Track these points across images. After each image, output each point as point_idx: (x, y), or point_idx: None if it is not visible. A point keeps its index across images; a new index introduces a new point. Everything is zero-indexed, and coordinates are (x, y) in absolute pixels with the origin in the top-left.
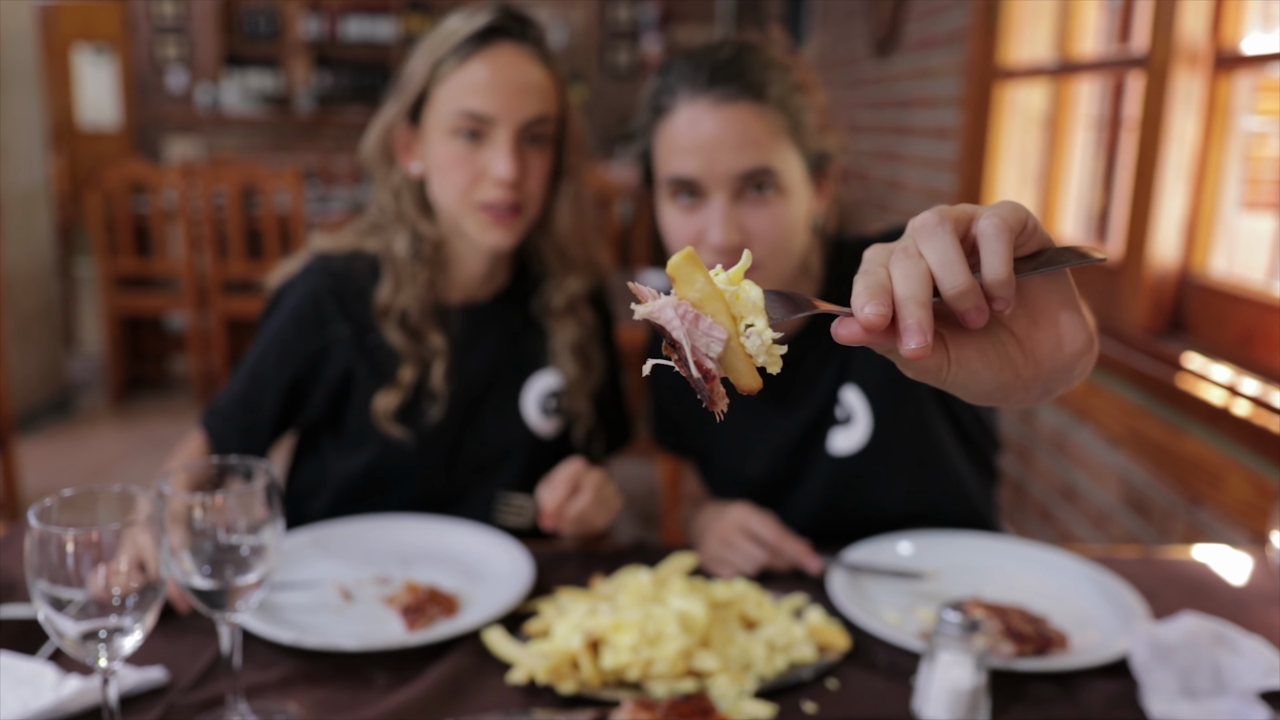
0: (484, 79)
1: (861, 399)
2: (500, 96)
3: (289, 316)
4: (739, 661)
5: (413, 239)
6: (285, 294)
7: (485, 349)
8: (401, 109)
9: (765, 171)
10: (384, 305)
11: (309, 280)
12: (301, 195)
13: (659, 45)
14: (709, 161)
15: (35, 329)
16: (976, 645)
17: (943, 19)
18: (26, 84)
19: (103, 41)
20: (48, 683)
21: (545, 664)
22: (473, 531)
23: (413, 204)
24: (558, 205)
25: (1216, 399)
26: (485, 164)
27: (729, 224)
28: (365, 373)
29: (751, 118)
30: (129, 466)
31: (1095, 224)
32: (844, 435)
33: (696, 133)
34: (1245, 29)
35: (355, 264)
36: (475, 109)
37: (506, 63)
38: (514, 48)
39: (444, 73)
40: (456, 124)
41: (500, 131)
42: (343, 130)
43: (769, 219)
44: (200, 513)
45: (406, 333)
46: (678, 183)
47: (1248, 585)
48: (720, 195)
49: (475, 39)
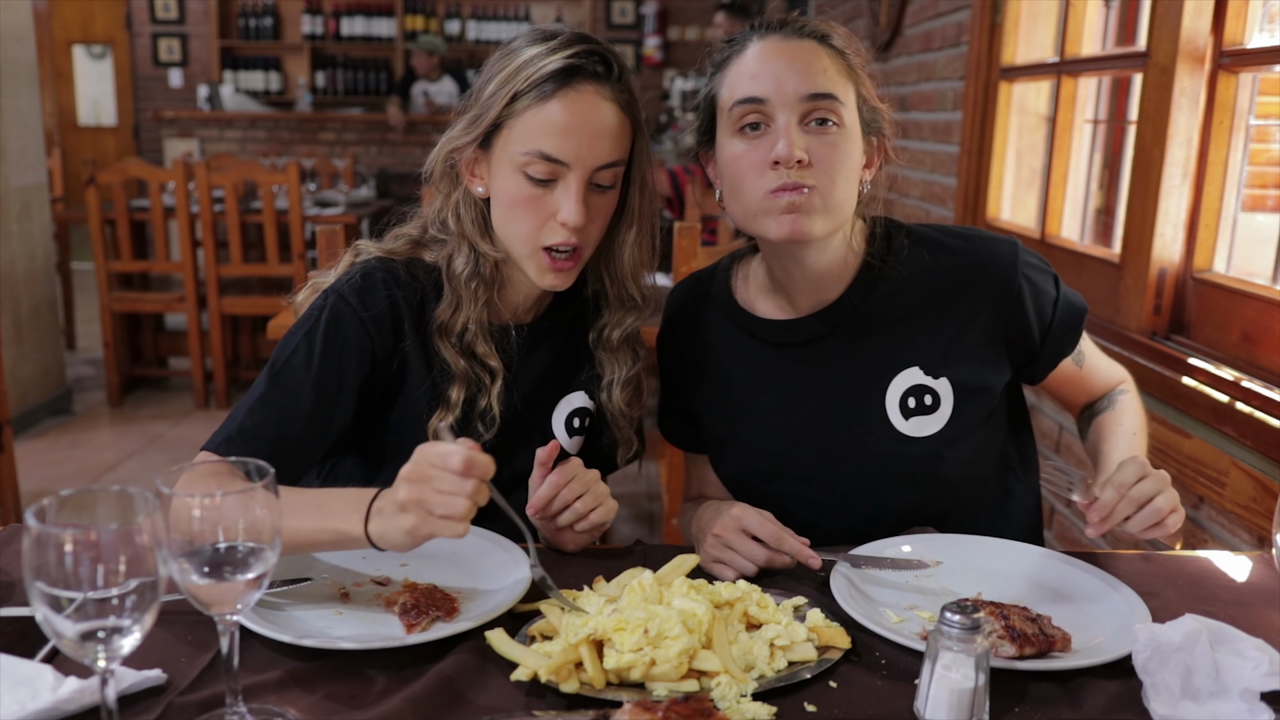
0: (561, 122)
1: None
2: (575, 142)
3: (364, 313)
4: (741, 662)
5: (472, 257)
6: (348, 295)
7: (531, 370)
8: (473, 137)
9: (830, 98)
10: (443, 322)
11: (381, 285)
12: (300, 194)
13: (659, 45)
14: (777, 83)
15: (34, 328)
16: (978, 645)
17: (944, 18)
18: (26, 83)
19: (102, 40)
20: (45, 684)
21: (549, 664)
22: (473, 531)
23: (474, 222)
24: (620, 244)
25: (1219, 399)
26: (553, 206)
27: (795, 141)
28: (418, 388)
29: (817, 50)
30: (128, 466)
31: (1097, 223)
32: (914, 420)
33: (765, 60)
34: (1248, 27)
35: (416, 273)
36: (550, 152)
37: (587, 106)
38: (595, 90)
39: (521, 108)
40: (528, 163)
41: (572, 175)
42: (342, 129)
43: (828, 147)
44: (199, 513)
45: (463, 353)
46: (744, 106)
47: (1250, 586)
48: (786, 115)
49: (557, 78)
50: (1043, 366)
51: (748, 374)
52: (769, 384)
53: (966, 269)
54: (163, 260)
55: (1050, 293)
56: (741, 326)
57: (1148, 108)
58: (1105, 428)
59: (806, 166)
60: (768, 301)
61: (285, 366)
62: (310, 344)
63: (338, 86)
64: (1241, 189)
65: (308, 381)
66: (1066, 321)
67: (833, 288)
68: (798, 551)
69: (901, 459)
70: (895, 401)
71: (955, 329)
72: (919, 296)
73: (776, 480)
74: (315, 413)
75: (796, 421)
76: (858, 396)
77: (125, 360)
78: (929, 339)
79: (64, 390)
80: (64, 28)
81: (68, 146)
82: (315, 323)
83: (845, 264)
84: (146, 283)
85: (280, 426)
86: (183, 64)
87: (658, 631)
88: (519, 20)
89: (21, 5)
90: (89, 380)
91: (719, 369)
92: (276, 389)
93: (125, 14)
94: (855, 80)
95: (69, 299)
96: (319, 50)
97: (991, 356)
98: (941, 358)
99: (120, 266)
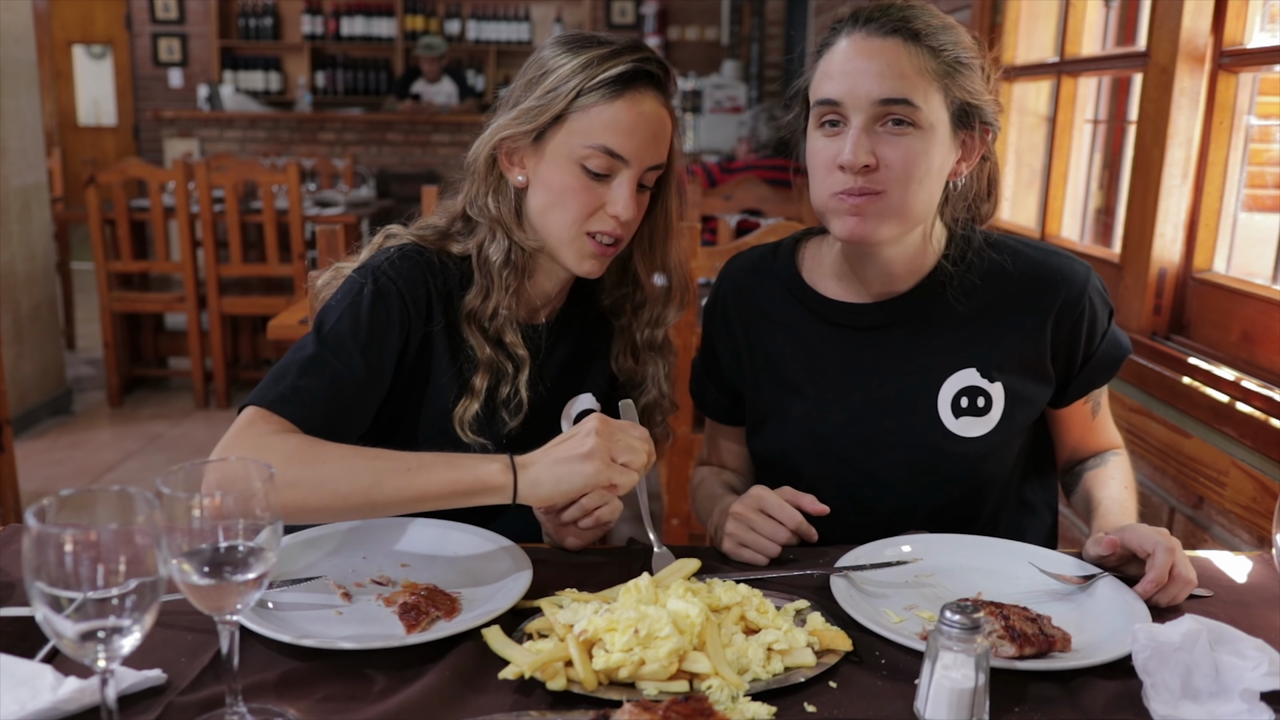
0: (628, 121)
1: (996, 391)
2: (637, 141)
3: (406, 289)
4: (735, 665)
5: (506, 244)
6: (389, 270)
7: (554, 364)
8: (533, 126)
9: (904, 102)
10: (472, 308)
11: (419, 267)
12: (300, 194)
13: (659, 45)
14: (851, 85)
15: (34, 328)
16: (978, 645)
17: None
18: (26, 83)
19: (102, 40)
20: (45, 684)
21: (533, 660)
22: (473, 532)
23: (511, 211)
24: (659, 239)
25: (1218, 398)
26: (603, 198)
27: (861, 146)
28: (449, 378)
29: (899, 52)
30: (128, 466)
31: (1097, 223)
32: (964, 420)
33: (846, 60)
34: (1248, 27)
35: (446, 262)
36: (613, 147)
37: (649, 109)
38: (655, 94)
39: (586, 103)
40: (589, 156)
41: (627, 172)
42: (342, 129)
43: (901, 150)
44: (199, 512)
45: (489, 340)
46: (822, 106)
47: (1250, 586)
48: (858, 118)
49: (625, 79)
50: (1071, 394)
51: (802, 351)
52: (823, 364)
53: (1040, 280)
54: (163, 260)
55: (1104, 324)
56: (804, 303)
57: (1148, 108)
58: (1099, 479)
59: (874, 170)
60: (835, 283)
61: (332, 334)
62: (356, 315)
63: (338, 86)
64: (1241, 189)
65: (356, 351)
66: (1109, 356)
67: (903, 281)
68: (811, 508)
69: (945, 456)
70: (948, 399)
71: (1017, 337)
72: (988, 300)
73: (816, 461)
74: (365, 384)
75: (847, 405)
76: (911, 389)
77: (125, 360)
78: (990, 343)
79: (64, 390)
80: (64, 28)
81: (68, 146)
82: (359, 295)
83: (920, 260)
84: (146, 283)
85: (333, 390)
86: (183, 64)
87: (648, 631)
88: (519, 20)
89: (21, 5)
90: (89, 380)
91: (773, 344)
92: (328, 352)
93: (125, 14)
94: (945, 78)
95: (69, 299)
96: (319, 50)
97: (1043, 371)
98: (999, 363)
99: (120, 266)
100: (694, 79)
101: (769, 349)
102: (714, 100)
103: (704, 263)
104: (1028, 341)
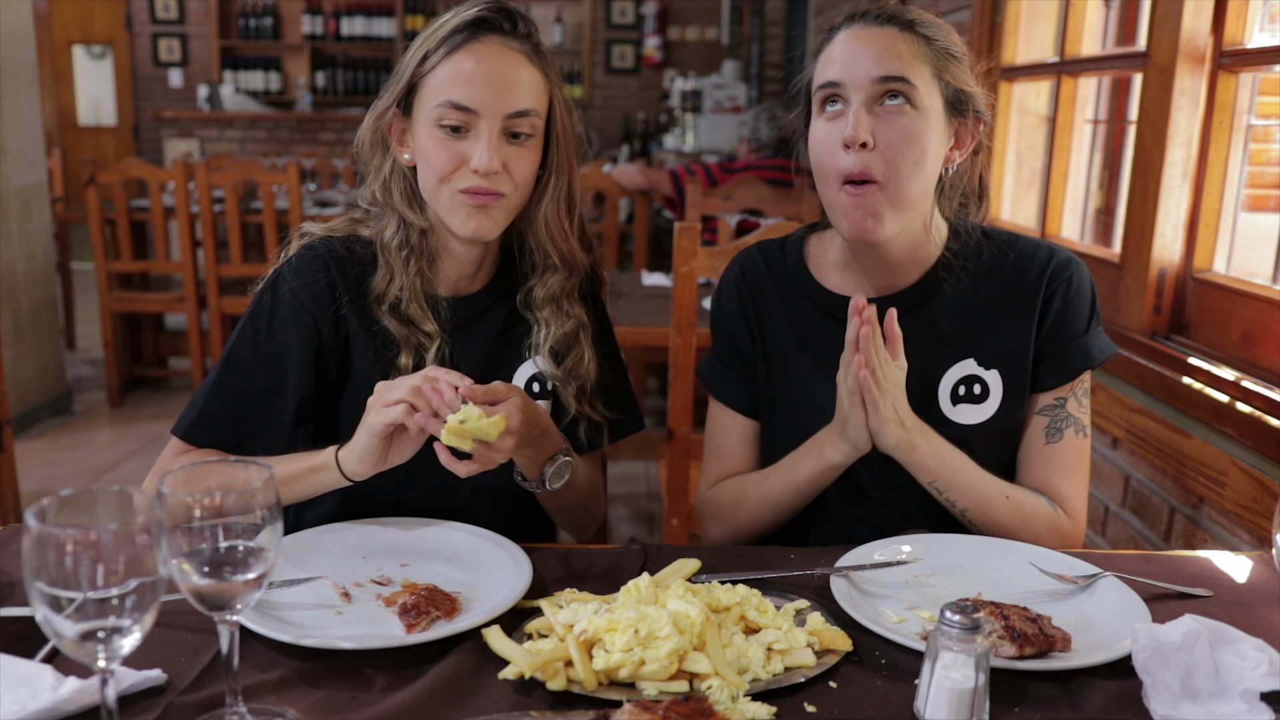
0: (468, 70)
1: (993, 379)
2: (484, 89)
3: (302, 290)
4: (735, 665)
5: (400, 227)
6: (287, 275)
7: (476, 339)
8: (392, 99)
9: (901, 80)
10: (379, 292)
11: (318, 261)
12: (300, 194)
13: (659, 45)
14: (850, 68)
15: (34, 328)
16: (978, 645)
17: (944, 18)
18: (26, 83)
19: (102, 40)
20: (45, 684)
21: (533, 660)
22: (473, 532)
23: (401, 193)
24: (542, 202)
25: (1218, 398)
26: (467, 154)
27: (862, 122)
28: (367, 361)
29: (895, 37)
30: (128, 466)
31: (1097, 223)
32: (961, 407)
33: (845, 48)
34: (1248, 27)
35: (354, 248)
36: (458, 100)
37: (493, 56)
38: (501, 42)
39: (431, 64)
40: (441, 114)
41: (483, 123)
42: (342, 129)
43: (899, 129)
44: (199, 512)
45: (400, 320)
46: (824, 89)
47: (1250, 586)
48: (858, 96)
49: (463, 31)
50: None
51: (806, 344)
52: (828, 356)
53: (1037, 272)
54: (163, 260)
55: (1078, 325)
56: (809, 296)
57: (1148, 108)
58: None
59: (873, 150)
60: (839, 276)
61: (234, 350)
62: (255, 325)
63: (338, 86)
64: (1241, 189)
65: (257, 362)
66: (1071, 357)
67: (905, 274)
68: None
69: None
70: (947, 389)
71: (1013, 326)
72: (988, 293)
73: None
74: (269, 391)
75: None
76: (911, 381)
77: (125, 360)
78: (989, 333)
79: (64, 390)
80: (64, 28)
81: (68, 146)
82: (259, 305)
83: (922, 252)
84: (146, 283)
85: (239, 408)
86: (183, 64)
87: (648, 632)
88: None
89: (21, 5)
90: (89, 380)
91: (780, 335)
92: (229, 373)
93: (125, 14)
94: (939, 64)
95: (69, 299)
96: (319, 50)
97: (1033, 362)
98: (996, 352)
99: (120, 266)
100: (694, 79)
101: (777, 338)
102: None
103: (704, 263)
104: (1022, 330)
